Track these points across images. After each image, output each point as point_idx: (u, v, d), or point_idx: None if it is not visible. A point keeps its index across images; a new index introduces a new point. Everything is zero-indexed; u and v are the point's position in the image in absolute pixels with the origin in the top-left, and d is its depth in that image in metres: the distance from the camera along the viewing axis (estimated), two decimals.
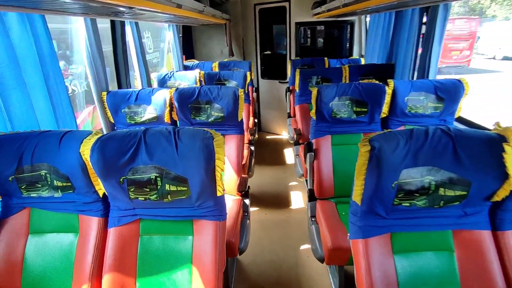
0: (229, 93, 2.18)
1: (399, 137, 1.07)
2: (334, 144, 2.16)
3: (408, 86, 2.15)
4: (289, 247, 2.53)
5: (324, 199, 2.12)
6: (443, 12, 2.28)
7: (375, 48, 3.57)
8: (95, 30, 2.13)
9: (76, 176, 1.27)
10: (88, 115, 3.26)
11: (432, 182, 1.07)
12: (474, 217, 1.12)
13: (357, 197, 1.13)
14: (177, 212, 1.30)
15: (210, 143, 1.18)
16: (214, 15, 3.47)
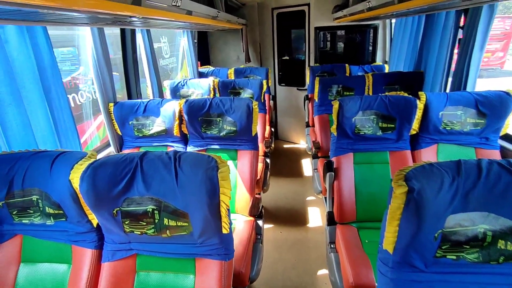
0: (242, 105, 2.02)
1: (444, 174, 0.86)
2: (356, 163, 1.95)
3: (444, 99, 1.91)
4: (305, 273, 2.32)
5: (345, 223, 1.91)
6: (487, 13, 2.01)
7: (401, 54, 3.31)
8: (102, 39, 2.03)
9: (67, 204, 1.15)
10: (97, 129, 3.19)
11: (488, 232, 0.85)
12: None
13: (388, 245, 0.92)
14: (178, 249, 1.14)
15: (214, 175, 1.01)
16: (229, 21, 3.33)
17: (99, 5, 1.08)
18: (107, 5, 1.12)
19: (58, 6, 0.89)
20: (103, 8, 1.11)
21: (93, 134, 3.16)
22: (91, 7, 1.06)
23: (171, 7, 1.58)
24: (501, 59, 11.34)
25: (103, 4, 1.10)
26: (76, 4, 1.00)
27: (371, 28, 4.22)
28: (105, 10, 1.14)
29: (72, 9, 1.06)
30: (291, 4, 4.38)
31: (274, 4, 4.49)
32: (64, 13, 1.21)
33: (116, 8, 1.16)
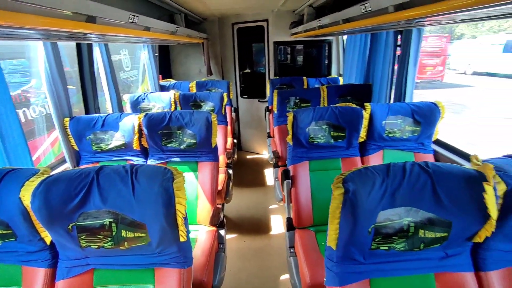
0: (201, 118, 2.07)
1: (376, 175, 0.99)
2: (312, 170, 2.08)
3: (386, 110, 2.12)
4: (268, 279, 2.38)
5: (303, 228, 2.02)
6: (417, 35, 2.30)
7: (352, 68, 3.58)
8: (55, 52, 1.98)
9: (16, 223, 1.12)
10: (51, 145, 3.05)
11: (411, 224, 0.99)
12: (456, 258, 1.05)
13: (331, 242, 1.03)
14: (136, 260, 1.15)
15: (170, 186, 1.05)
16: (189, 35, 3.40)
17: (54, 24, 1.11)
18: (62, 24, 1.14)
19: (10, 25, 0.90)
20: (57, 26, 1.13)
21: (47, 150, 3.01)
22: (45, 25, 1.08)
23: (127, 23, 1.62)
24: (441, 72, 12.60)
25: (57, 23, 1.12)
26: (30, 23, 1.02)
27: (326, 43, 4.51)
28: (60, 28, 1.16)
29: (24, 27, 1.07)
30: (250, 20, 4.55)
31: (234, 20, 4.64)
32: (15, 30, 1.20)
33: (70, 26, 1.18)
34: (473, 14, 1.18)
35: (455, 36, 18.19)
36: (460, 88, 12.10)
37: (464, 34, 18.48)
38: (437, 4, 1.11)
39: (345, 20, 2.13)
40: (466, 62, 14.61)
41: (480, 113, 8.57)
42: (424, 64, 12.30)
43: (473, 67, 14.23)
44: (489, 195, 0.93)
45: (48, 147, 3.00)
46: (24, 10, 0.99)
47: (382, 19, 1.55)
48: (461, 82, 13.20)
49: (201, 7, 3.45)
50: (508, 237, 1.03)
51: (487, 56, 13.17)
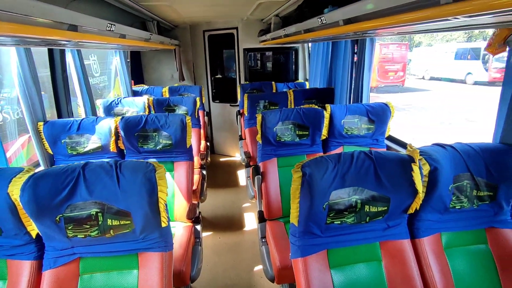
0: (176, 120, 2.20)
1: (329, 162, 1.20)
2: (280, 166, 2.27)
3: (344, 110, 2.37)
4: (242, 270, 2.54)
5: (273, 219, 2.20)
6: (370, 44, 2.59)
7: (317, 73, 3.86)
8: (29, 57, 2.03)
9: (3, 218, 1.19)
10: (22, 146, 3.01)
11: (358, 201, 1.20)
12: (396, 228, 1.28)
13: (294, 219, 1.22)
14: (121, 247, 1.27)
15: (152, 176, 1.19)
16: (162, 42, 3.51)
17: (39, 32, 1.20)
18: (46, 32, 1.24)
19: None
20: (41, 34, 1.22)
21: (18, 151, 2.97)
22: (30, 33, 1.17)
23: (105, 31, 1.73)
24: (402, 77, 13.52)
25: (42, 31, 1.22)
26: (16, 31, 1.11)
27: (293, 50, 4.79)
28: (42, 36, 1.25)
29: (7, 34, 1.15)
30: (221, 27, 4.73)
31: (205, 27, 4.79)
32: None
33: (54, 34, 1.28)
34: (407, 29, 1.43)
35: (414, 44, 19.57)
36: (419, 92, 13.07)
37: (421, 42, 19.93)
38: (380, 20, 1.34)
39: (306, 30, 2.36)
40: (424, 68, 15.81)
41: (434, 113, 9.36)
42: (387, 69, 13.16)
43: (430, 72, 15.43)
44: (415, 174, 1.16)
45: (19, 149, 2.96)
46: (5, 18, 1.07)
47: (335, 31, 1.78)
48: (420, 86, 14.25)
49: (174, 15, 3.58)
50: (434, 208, 1.27)
51: (442, 62, 14.36)
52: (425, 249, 1.27)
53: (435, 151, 1.28)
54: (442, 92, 12.51)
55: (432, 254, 1.26)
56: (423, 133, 7.23)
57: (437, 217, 1.29)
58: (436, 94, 12.45)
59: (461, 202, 1.29)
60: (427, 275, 1.24)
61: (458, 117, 8.64)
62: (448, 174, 1.25)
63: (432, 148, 1.32)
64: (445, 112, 9.28)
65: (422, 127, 7.87)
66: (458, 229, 1.33)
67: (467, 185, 1.28)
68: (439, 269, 1.24)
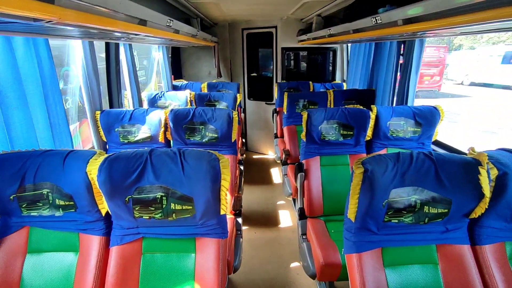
0: (223, 114, 2.27)
1: (388, 160, 1.20)
2: (322, 165, 2.28)
3: (390, 112, 2.33)
4: (279, 265, 2.57)
5: (314, 217, 2.21)
6: (419, 45, 2.53)
7: (356, 74, 3.81)
8: (92, 51, 2.18)
9: (80, 195, 1.30)
10: (76, 128, 3.27)
11: (418, 201, 1.19)
12: (455, 232, 1.25)
13: (351, 214, 1.23)
14: (180, 230, 1.34)
15: (217, 165, 1.25)
16: (205, 38, 3.62)
17: (112, 24, 1.30)
18: (120, 25, 1.33)
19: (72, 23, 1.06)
20: (114, 26, 1.32)
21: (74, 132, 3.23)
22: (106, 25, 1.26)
23: (165, 27, 1.82)
24: (438, 82, 12.93)
25: (115, 23, 1.31)
26: (93, 22, 1.20)
27: (331, 51, 4.75)
28: (117, 29, 1.35)
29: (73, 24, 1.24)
30: (260, 26, 4.79)
31: (244, 25, 4.87)
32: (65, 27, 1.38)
33: (127, 27, 1.38)
34: (473, 28, 1.40)
35: (453, 47, 18.62)
36: (457, 98, 12.42)
37: (462, 45, 18.90)
38: (440, 20, 1.32)
39: (355, 30, 2.34)
40: (464, 72, 14.94)
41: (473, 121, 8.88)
42: (422, 73, 12.62)
43: (471, 77, 14.56)
44: (483, 177, 1.13)
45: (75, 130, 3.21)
46: (90, 10, 1.16)
47: (390, 31, 1.76)
48: (458, 92, 13.53)
49: (217, 12, 3.67)
50: (499, 215, 1.23)
51: (485, 67, 13.46)
52: (488, 257, 1.23)
53: (502, 155, 1.24)
54: (484, 99, 11.80)
55: (495, 263, 1.22)
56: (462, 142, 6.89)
57: (502, 225, 1.25)
58: (477, 100, 11.77)
59: None
60: (489, 284, 1.20)
61: (503, 125, 8.14)
62: None
63: (499, 152, 1.27)
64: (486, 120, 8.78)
65: (460, 135, 7.50)
66: None
67: None
68: (503, 279, 1.20)
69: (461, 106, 11.01)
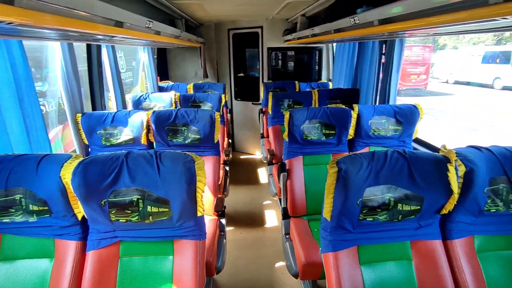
0: (205, 116, 2.27)
1: (363, 159, 1.21)
2: (305, 164, 2.29)
3: (371, 111, 2.36)
4: (264, 266, 2.58)
5: (297, 216, 2.22)
6: (399, 45, 2.57)
7: (341, 74, 3.85)
8: (71, 52, 2.15)
9: (54, 200, 1.27)
10: (59, 133, 3.20)
11: (391, 199, 1.21)
12: (428, 228, 1.28)
13: (327, 213, 1.24)
14: (158, 233, 1.33)
15: (192, 166, 1.25)
16: (190, 39, 3.60)
17: (88, 27, 1.28)
18: (95, 27, 1.32)
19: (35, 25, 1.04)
20: (90, 29, 1.30)
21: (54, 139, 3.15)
22: (82, 28, 1.25)
23: (145, 28, 1.81)
24: (425, 80, 13.19)
25: (91, 26, 1.30)
26: (70, 25, 1.19)
27: (317, 50, 4.79)
28: (92, 31, 1.33)
29: (48, 27, 1.22)
30: (245, 26, 4.79)
31: (230, 25, 4.86)
32: (40, 30, 1.36)
33: (103, 30, 1.36)
34: (448, 29, 1.43)
35: (438, 46, 18.99)
36: (442, 96, 12.69)
37: (446, 45, 19.30)
38: (416, 20, 1.34)
39: (336, 30, 2.37)
40: (448, 71, 15.30)
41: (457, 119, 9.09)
42: (409, 72, 12.87)
43: (455, 76, 14.92)
44: (451, 174, 1.16)
45: (58, 134, 3.14)
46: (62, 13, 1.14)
47: (368, 31, 1.78)
48: (443, 90, 13.82)
49: (201, 13, 3.66)
50: (468, 210, 1.26)
51: (467, 66, 13.84)
52: (457, 251, 1.27)
53: (470, 152, 1.28)
54: (467, 97, 12.09)
55: (464, 257, 1.26)
56: (446, 138, 7.04)
57: (471, 219, 1.28)
58: (461, 98, 12.05)
59: (496, 206, 1.28)
60: (459, 277, 1.24)
61: (484, 123, 8.35)
62: (484, 176, 1.24)
63: (468, 149, 1.31)
64: (469, 117, 8.99)
65: (445, 132, 7.66)
66: (492, 233, 1.31)
67: (504, 189, 1.26)
68: (471, 272, 1.24)
69: (446, 104, 11.25)
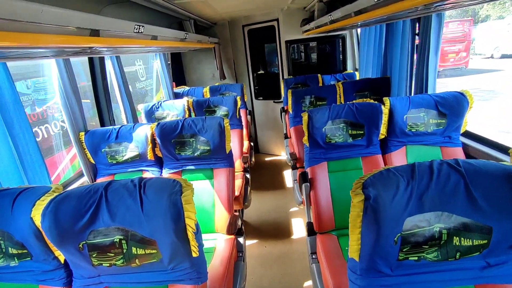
0: (214, 124, 2.03)
1: (399, 178, 0.90)
2: (331, 171, 1.98)
3: (406, 103, 1.99)
4: (290, 285, 2.30)
5: (324, 232, 1.93)
6: (437, 21, 2.14)
7: (368, 61, 3.44)
8: (68, 68, 2.01)
9: (30, 242, 1.11)
10: (71, 161, 3.12)
11: (444, 231, 0.88)
12: (500, 268, 0.93)
13: (354, 253, 0.94)
14: (149, 278, 1.11)
15: (178, 199, 1.00)
16: (200, 41, 3.39)
17: (59, 41, 1.09)
18: (67, 40, 1.13)
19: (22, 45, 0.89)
20: (61, 43, 1.11)
21: (67, 167, 3.08)
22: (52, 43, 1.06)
23: (133, 34, 1.60)
24: (465, 58, 11.98)
25: (63, 39, 1.10)
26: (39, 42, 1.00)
27: (339, 38, 4.37)
28: (66, 44, 1.14)
29: (35, 46, 1.06)
30: (260, 20, 4.50)
31: (244, 21, 4.59)
32: (26, 50, 1.21)
33: (74, 41, 1.17)
34: None
35: (479, 19, 17.27)
36: (488, 73, 11.44)
37: (489, 16, 17.47)
38: None
39: (357, 12, 2.02)
40: (493, 45, 13.79)
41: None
42: (446, 51, 11.75)
43: (502, 49, 13.41)
44: None
45: (67, 164, 3.07)
46: (32, 30, 0.97)
47: (397, 7, 1.43)
48: (488, 67, 12.48)
49: (210, 11, 3.43)
50: None
51: None
52: None
53: None
54: None
55: None
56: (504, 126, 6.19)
57: None
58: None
59: None
60: None
61: None
62: None
63: None
64: None
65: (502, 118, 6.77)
66: None
67: None
68: None
69: (494, 81, 10.08)
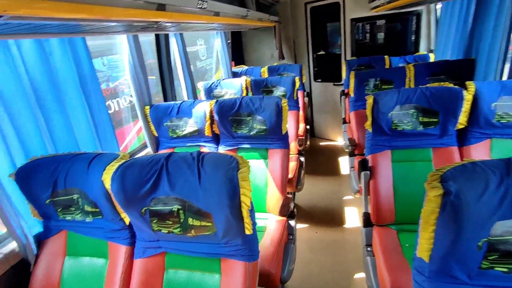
0: (271, 104, 1.99)
1: (489, 173, 0.76)
2: (394, 160, 1.82)
3: (497, 89, 1.70)
4: (341, 275, 2.22)
5: (382, 225, 1.80)
6: None
7: (448, 42, 3.02)
8: (136, 45, 2.12)
9: (101, 203, 1.22)
10: (136, 133, 3.36)
11: None
12: None
13: (423, 252, 0.84)
14: (203, 248, 1.15)
15: (234, 176, 0.99)
16: (261, 19, 3.31)
17: (128, 14, 1.12)
18: (134, 13, 1.15)
19: (96, 18, 0.93)
20: (130, 16, 1.15)
21: (133, 139, 3.34)
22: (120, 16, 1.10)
23: (197, 9, 1.60)
24: None
25: (129, 13, 1.13)
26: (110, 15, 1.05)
27: (414, 15, 3.92)
28: (132, 18, 1.18)
29: (108, 19, 1.12)
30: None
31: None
32: (101, 24, 1.28)
33: (142, 15, 1.19)
34: None
35: None
36: None
37: None
38: None
39: None
40: None
41: None
42: None
43: None
44: None
45: (134, 136, 3.32)
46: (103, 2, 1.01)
47: None
48: None
49: None
50: None
51: None
52: None
53: None
54: None
55: None
56: None
57: None
58: None
59: None
60: None
61: None
62: None
63: None
64: None
65: None
66: None
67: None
68: None
69: None
